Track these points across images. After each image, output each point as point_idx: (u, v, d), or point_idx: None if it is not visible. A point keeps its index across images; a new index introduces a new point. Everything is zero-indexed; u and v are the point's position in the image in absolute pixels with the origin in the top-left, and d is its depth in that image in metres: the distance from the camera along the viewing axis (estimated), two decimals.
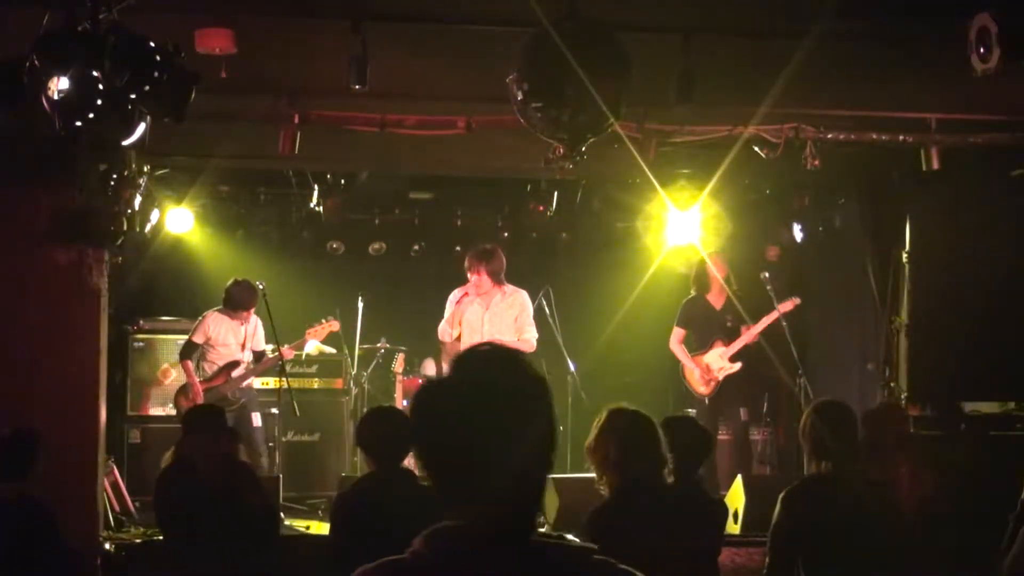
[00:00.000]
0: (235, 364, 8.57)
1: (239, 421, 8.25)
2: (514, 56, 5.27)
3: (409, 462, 4.66)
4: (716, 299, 8.68)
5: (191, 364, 8.53)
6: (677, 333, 8.75)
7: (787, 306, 8.39)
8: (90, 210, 6.98)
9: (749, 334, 8.50)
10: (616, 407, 4.18)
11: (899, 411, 7.42)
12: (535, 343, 8.29)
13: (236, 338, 8.60)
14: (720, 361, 8.54)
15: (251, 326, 8.67)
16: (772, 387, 9.23)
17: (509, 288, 8.17)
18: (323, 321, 8.89)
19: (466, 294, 8.08)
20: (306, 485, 8.76)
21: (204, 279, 10.00)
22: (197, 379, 8.50)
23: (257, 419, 8.57)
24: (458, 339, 8.31)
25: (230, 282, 8.63)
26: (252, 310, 8.61)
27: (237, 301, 8.54)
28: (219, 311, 8.60)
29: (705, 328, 8.66)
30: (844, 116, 7.06)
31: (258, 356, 8.68)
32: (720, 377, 8.54)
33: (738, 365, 8.51)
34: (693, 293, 8.74)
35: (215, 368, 8.57)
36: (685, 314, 8.74)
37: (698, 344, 8.69)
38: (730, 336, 8.56)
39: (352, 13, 5.78)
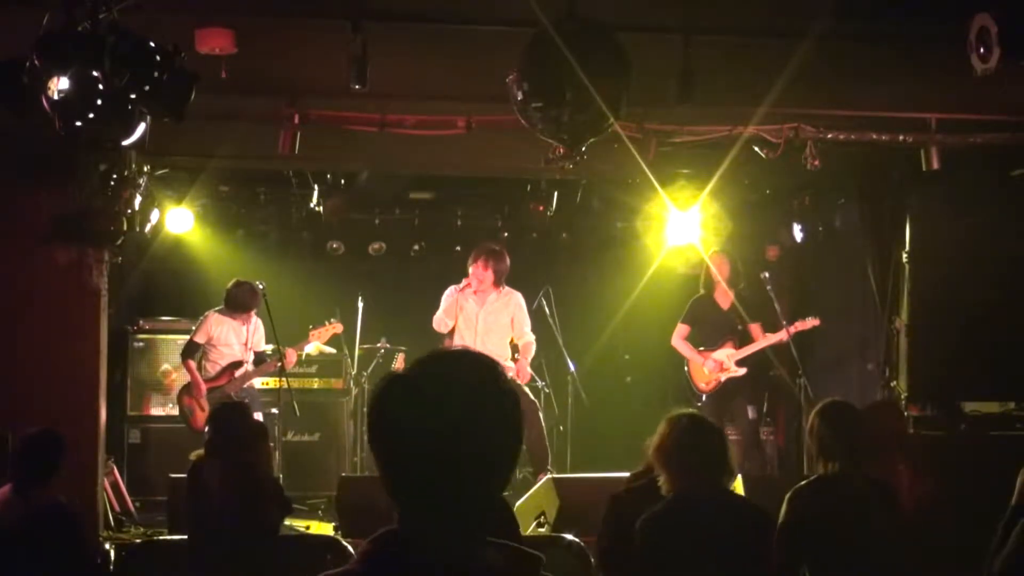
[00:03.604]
0: (238, 364, 8.56)
1: None
2: (514, 56, 5.28)
3: None
4: (722, 299, 8.64)
5: (193, 363, 8.53)
6: (680, 330, 8.71)
7: (805, 325, 8.34)
8: (90, 210, 6.99)
9: (760, 344, 8.45)
10: (690, 415, 4.14)
11: (894, 408, 7.42)
12: (533, 342, 8.32)
13: (238, 338, 8.60)
14: (727, 362, 8.53)
15: (252, 326, 8.66)
16: (773, 387, 9.23)
17: (505, 289, 8.21)
18: (327, 323, 8.89)
19: (468, 285, 8.09)
20: (306, 485, 8.76)
21: (204, 279, 10.00)
22: (200, 378, 8.50)
23: (258, 418, 8.57)
24: (452, 331, 8.33)
25: (231, 283, 8.62)
26: (253, 311, 8.60)
27: (238, 303, 8.53)
28: (220, 311, 8.59)
29: (711, 327, 8.63)
30: (844, 116, 7.06)
31: (259, 357, 8.67)
32: (722, 378, 8.52)
33: (743, 370, 8.49)
34: (702, 292, 8.73)
35: (218, 368, 8.57)
36: (691, 312, 8.73)
37: (705, 343, 8.65)
38: (740, 338, 8.53)
39: (352, 13, 5.78)
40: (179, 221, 9.26)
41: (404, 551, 1.73)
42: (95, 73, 4.64)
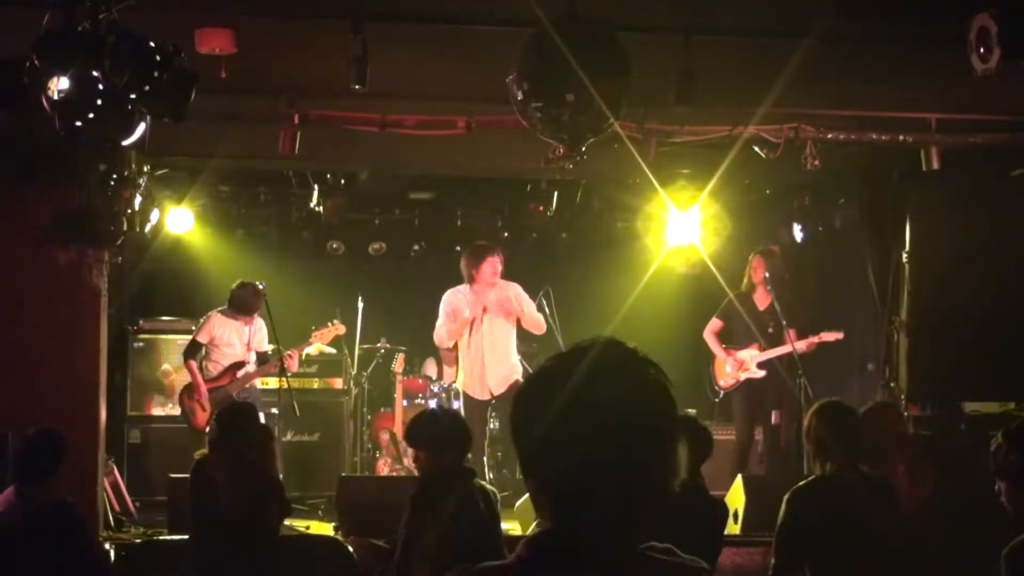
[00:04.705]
0: (240, 364, 8.55)
1: None
2: (514, 56, 5.28)
3: None
4: (761, 299, 8.59)
5: (195, 364, 8.52)
6: (712, 324, 8.72)
7: (830, 337, 8.27)
8: (90, 210, 6.99)
9: (782, 349, 8.36)
10: None
11: (894, 409, 7.40)
12: (539, 316, 8.27)
13: (240, 339, 8.59)
14: (748, 362, 8.47)
15: (254, 327, 8.66)
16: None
17: (500, 283, 8.22)
18: (329, 324, 8.90)
19: (471, 290, 8.09)
20: (306, 485, 8.76)
21: (204, 279, 10.00)
22: (201, 379, 8.50)
23: (260, 419, 8.55)
24: (455, 347, 8.33)
25: (235, 285, 8.60)
26: (257, 313, 8.61)
27: (241, 304, 8.53)
28: (223, 312, 8.59)
29: (743, 326, 8.56)
30: (844, 116, 7.06)
31: (261, 358, 8.67)
32: (741, 377, 8.50)
33: (762, 372, 8.43)
34: (742, 290, 8.70)
35: (220, 368, 8.56)
36: (724, 308, 8.70)
37: (735, 341, 8.63)
38: (769, 341, 8.44)
39: (352, 13, 5.79)
40: (179, 221, 9.26)
41: (561, 556, 1.66)
42: (95, 73, 4.64)
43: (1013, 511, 3.52)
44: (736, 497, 7.02)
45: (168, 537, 6.65)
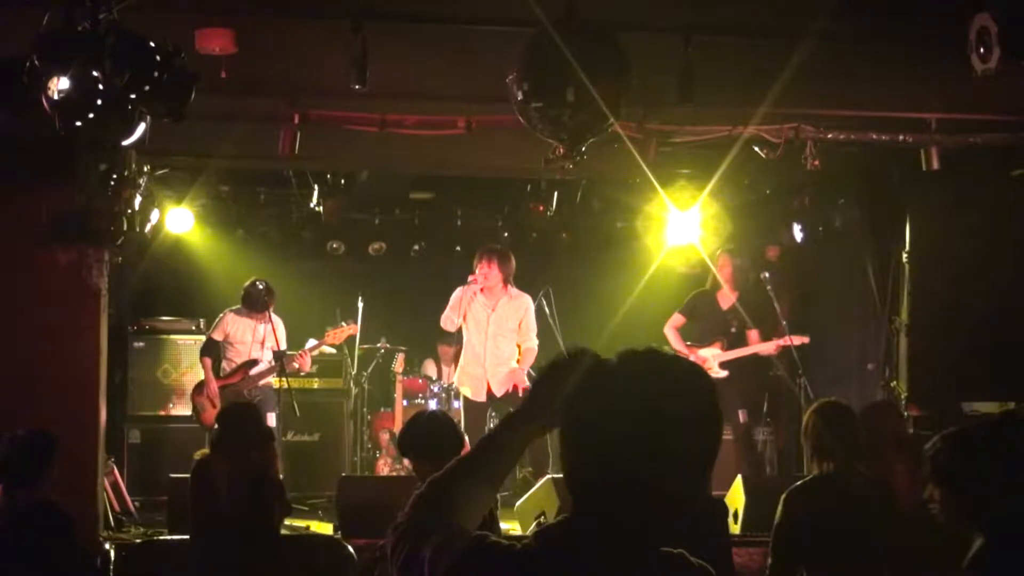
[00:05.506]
0: (253, 363, 8.60)
1: None
2: (514, 56, 5.28)
3: None
4: (724, 299, 8.56)
5: (208, 361, 8.57)
6: (674, 319, 8.61)
7: (793, 341, 8.20)
8: (90, 210, 6.99)
9: (746, 351, 8.35)
10: None
11: (894, 409, 7.41)
12: (536, 349, 8.29)
13: (254, 336, 8.64)
14: (710, 361, 8.38)
15: (270, 325, 8.67)
16: (772, 387, 9.20)
17: (514, 291, 8.21)
18: (342, 324, 8.92)
19: (474, 280, 8.08)
20: (306, 485, 8.76)
21: (204, 279, 10.00)
22: (213, 376, 8.53)
23: (272, 419, 8.55)
24: (460, 330, 8.32)
25: (248, 283, 8.68)
26: (269, 310, 8.63)
27: (255, 302, 8.59)
28: (235, 311, 8.65)
29: (706, 324, 8.54)
30: (844, 116, 7.06)
31: (278, 355, 8.67)
32: None
33: (724, 373, 8.33)
34: (707, 287, 8.67)
35: (233, 366, 8.61)
36: (689, 304, 8.64)
37: (698, 338, 8.58)
38: (731, 341, 8.43)
39: (352, 13, 5.78)
40: (179, 221, 9.25)
41: (577, 545, 1.73)
42: (95, 73, 4.63)
43: (945, 518, 3.39)
44: (736, 497, 7.02)
45: (168, 537, 6.64)
